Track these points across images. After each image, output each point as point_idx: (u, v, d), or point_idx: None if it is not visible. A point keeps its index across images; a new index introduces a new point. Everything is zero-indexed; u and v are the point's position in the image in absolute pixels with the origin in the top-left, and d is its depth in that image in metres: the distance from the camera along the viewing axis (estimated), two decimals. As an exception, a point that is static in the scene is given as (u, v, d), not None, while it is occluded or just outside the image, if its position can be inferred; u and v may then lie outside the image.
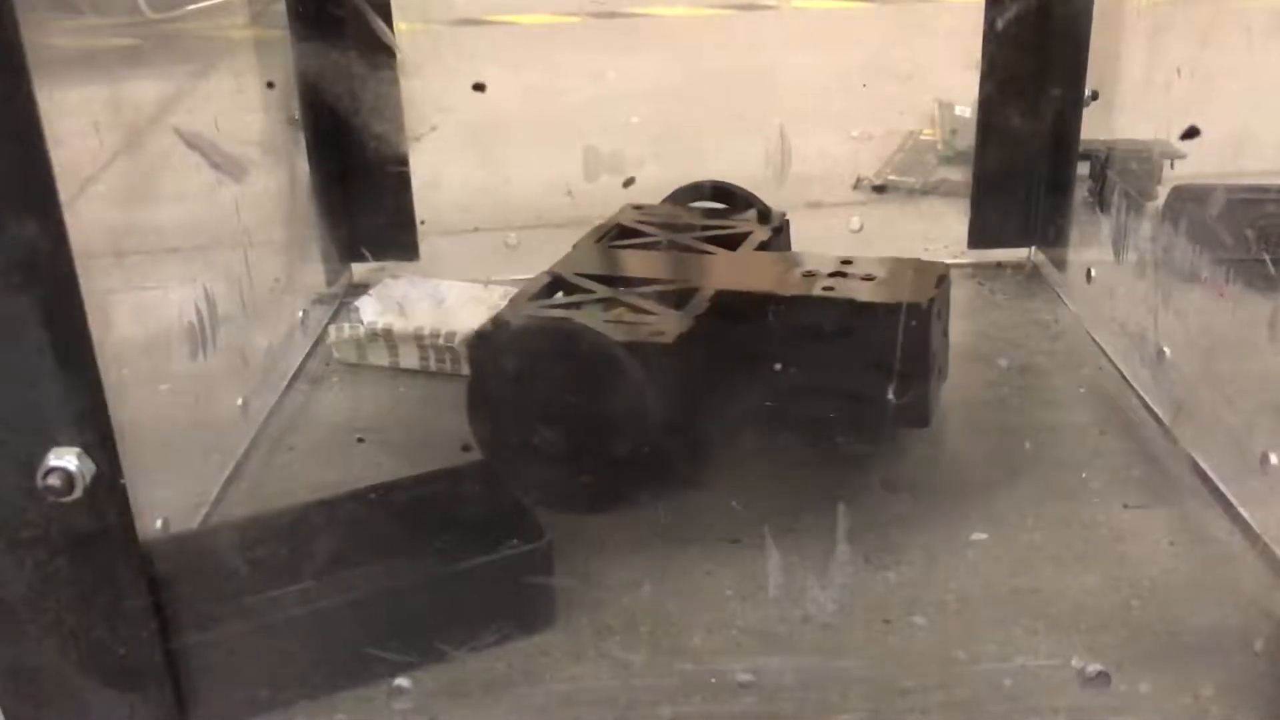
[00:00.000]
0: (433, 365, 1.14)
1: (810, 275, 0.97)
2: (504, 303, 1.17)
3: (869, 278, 0.96)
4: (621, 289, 0.97)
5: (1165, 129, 1.02)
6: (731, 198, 1.17)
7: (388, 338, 1.14)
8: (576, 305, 0.96)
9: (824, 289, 0.94)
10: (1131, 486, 0.92)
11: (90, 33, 0.83)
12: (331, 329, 1.18)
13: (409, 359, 1.15)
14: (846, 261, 0.98)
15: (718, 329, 0.92)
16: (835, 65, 1.60)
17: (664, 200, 1.18)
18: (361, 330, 1.15)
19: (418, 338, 1.13)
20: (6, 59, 0.53)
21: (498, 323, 0.92)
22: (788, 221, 1.14)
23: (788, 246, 1.14)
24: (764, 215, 1.13)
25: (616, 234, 1.11)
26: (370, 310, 1.17)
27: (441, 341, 1.12)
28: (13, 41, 0.53)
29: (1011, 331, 1.14)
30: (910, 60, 1.61)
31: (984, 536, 0.87)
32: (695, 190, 1.18)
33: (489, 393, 0.90)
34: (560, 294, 0.99)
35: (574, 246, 1.07)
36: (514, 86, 1.12)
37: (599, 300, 0.96)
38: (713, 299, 0.94)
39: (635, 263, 1.04)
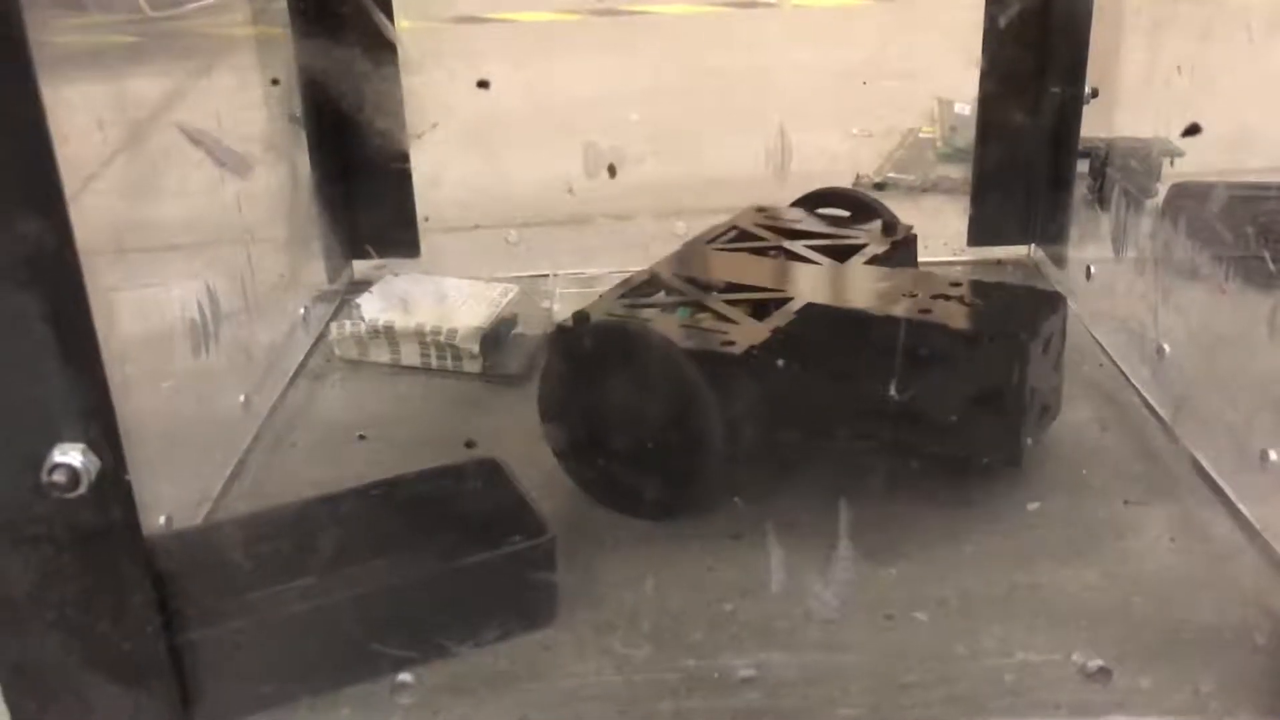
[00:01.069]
0: (434, 362, 1.14)
1: (911, 295, 0.91)
2: (504, 300, 1.18)
3: (972, 303, 0.90)
4: (714, 294, 0.95)
5: (1165, 126, 1.02)
6: (862, 207, 1.13)
7: (389, 335, 1.14)
8: (661, 306, 0.94)
9: (920, 311, 0.89)
10: (1132, 483, 0.93)
11: (94, 30, 0.84)
12: (333, 326, 1.18)
13: (410, 356, 1.15)
14: (955, 284, 0.93)
15: (797, 342, 0.89)
16: (835, 63, 1.60)
17: (791, 204, 1.16)
18: (363, 327, 1.15)
19: (419, 335, 1.13)
20: (12, 56, 0.53)
21: (578, 317, 0.90)
22: (914, 235, 1.09)
23: (912, 262, 1.09)
24: (889, 227, 1.09)
25: (733, 236, 1.09)
26: (372, 307, 1.17)
27: (443, 338, 1.12)
28: (18, 38, 0.53)
29: (1012, 328, 1.14)
30: (910, 58, 1.62)
31: (1037, 505, 0.88)
32: (823, 197, 1.15)
33: (558, 385, 0.90)
34: (659, 293, 0.97)
35: (683, 244, 1.05)
36: (514, 84, 1.12)
37: (688, 303, 0.94)
38: (800, 312, 0.91)
39: (733, 267, 1.01)
